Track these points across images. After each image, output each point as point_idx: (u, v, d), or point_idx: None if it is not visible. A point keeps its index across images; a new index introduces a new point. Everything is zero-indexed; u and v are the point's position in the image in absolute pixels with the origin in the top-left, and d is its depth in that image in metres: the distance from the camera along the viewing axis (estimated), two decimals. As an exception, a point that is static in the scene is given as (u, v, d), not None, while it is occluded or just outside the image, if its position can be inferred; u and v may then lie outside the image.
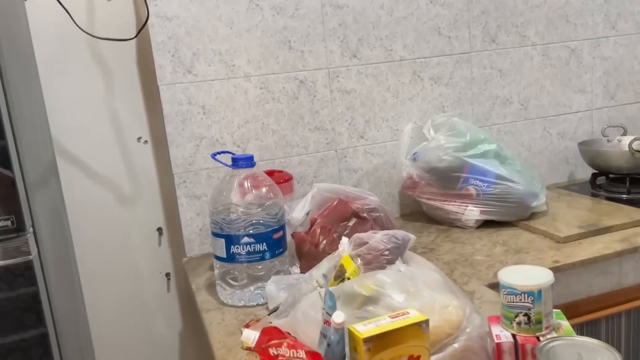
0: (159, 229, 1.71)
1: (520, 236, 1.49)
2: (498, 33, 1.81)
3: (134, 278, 1.70)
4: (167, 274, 1.73)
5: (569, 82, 1.93)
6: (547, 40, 1.87)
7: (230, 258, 1.20)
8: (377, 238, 0.95)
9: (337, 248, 1.22)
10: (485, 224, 1.58)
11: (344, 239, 1.02)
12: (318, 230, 1.21)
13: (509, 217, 1.56)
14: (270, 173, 1.50)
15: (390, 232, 0.97)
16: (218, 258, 1.23)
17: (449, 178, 1.56)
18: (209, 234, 1.60)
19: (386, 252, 0.93)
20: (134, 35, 1.55)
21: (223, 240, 1.20)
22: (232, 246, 1.19)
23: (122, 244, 1.68)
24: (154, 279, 1.72)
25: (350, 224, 1.27)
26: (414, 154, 1.62)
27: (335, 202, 1.27)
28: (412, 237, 1.01)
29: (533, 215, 1.57)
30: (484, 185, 1.54)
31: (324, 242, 1.22)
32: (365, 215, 1.28)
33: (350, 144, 1.72)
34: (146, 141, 1.66)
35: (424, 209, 1.69)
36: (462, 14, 1.75)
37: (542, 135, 1.94)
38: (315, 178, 1.71)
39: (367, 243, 0.95)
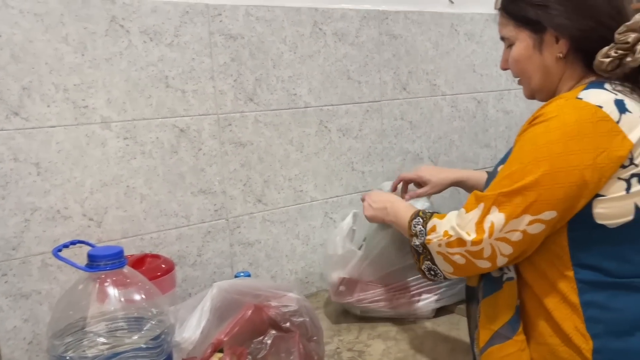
0: (-39, 342, 1.15)
1: (460, 325, 1.23)
2: (409, 80, 1.59)
3: None
4: (-26, 408, 1.16)
5: (476, 137, 1.78)
6: (456, 90, 1.70)
7: (85, 420, 0.75)
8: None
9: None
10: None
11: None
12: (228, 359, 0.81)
13: (459, 296, 1.29)
14: (139, 261, 1.06)
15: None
16: (62, 419, 0.76)
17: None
18: (43, 349, 1.10)
19: None
20: None
21: (72, 391, 0.75)
22: (87, 400, 0.74)
23: None
24: (-49, 417, 1.14)
25: (268, 340, 0.89)
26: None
27: (250, 312, 0.88)
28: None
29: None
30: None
31: (234, 374, 0.82)
32: (287, 325, 0.92)
33: (246, 210, 1.34)
34: (-58, 212, 1.11)
35: (358, 313, 1.30)
36: (373, 55, 1.51)
37: (452, 195, 1.75)
38: (200, 257, 1.29)
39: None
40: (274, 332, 0.91)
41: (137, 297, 0.81)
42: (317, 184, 1.46)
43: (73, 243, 0.87)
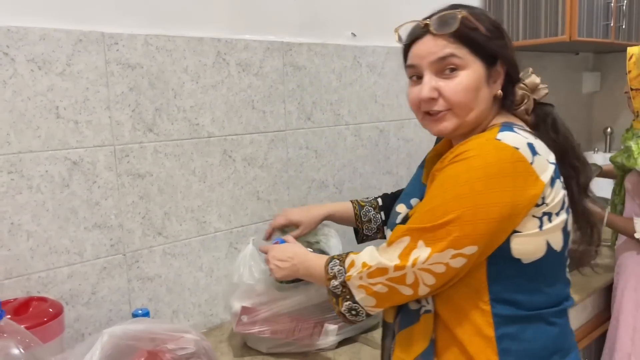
0: None
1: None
2: (313, 110, 1.62)
3: None
4: None
5: (378, 164, 1.84)
6: (359, 120, 1.76)
7: None
8: None
9: None
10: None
11: None
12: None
13: (360, 329, 1.32)
14: (24, 305, 1.00)
15: None
16: None
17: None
18: None
19: None
20: None
21: None
22: None
23: None
24: None
25: (163, 386, 0.86)
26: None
27: (143, 359, 0.85)
28: None
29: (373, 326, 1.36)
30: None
31: None
32: (183, 369, 0.89)
33: (145, 243, 1.30)
34: None
35: (263, 350, 1.27)
36: (277, 86, 1.52)
37: (356, 220, 1.80)
38: (94, 295, 1.23)
39: None
40: (169, 377, 0.88)
41: (15, 351, 0.75)
42: (222, 214, 1.44)
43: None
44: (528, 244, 0.85)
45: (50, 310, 1.01)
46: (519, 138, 0.85)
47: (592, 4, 2.08)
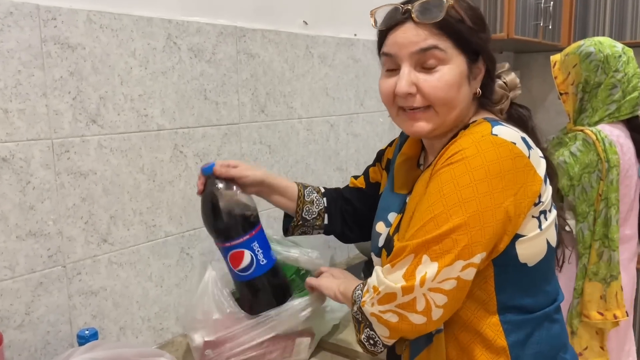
0: None
1: (336, 361, 1.18)
2: (267, 102, 1.51)
3: None
4: None
5: (329, 160, 1.77)
6: (311, 113, 1.68)
7: None
8: None
9: None
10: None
11: None
12: None
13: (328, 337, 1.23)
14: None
15: None
16: None
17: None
18: None
19: None
20: None
21: None
22: None
23: None
24: None
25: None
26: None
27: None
28: None
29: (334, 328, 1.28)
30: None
31: None
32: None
33: (88, 252, 1.13)
34: None
35: None
36: (231, 75, 1.39)
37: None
38: (28, 315, 1.04)
39: None
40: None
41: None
42: (172, 216, 1.29)
43: None
44: (533, 247, 0.82)
45: (-15, 339, 0.82)
46: (513, 132, 0.80)
47: (526, 3, 2.15)
